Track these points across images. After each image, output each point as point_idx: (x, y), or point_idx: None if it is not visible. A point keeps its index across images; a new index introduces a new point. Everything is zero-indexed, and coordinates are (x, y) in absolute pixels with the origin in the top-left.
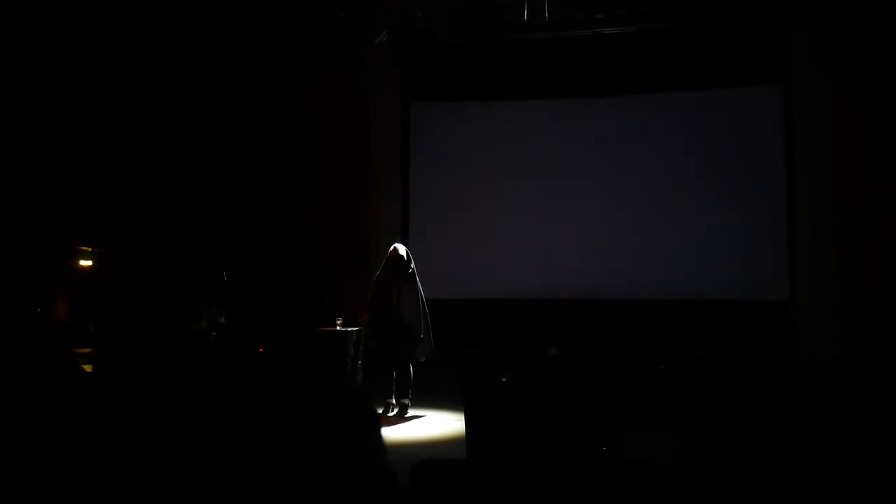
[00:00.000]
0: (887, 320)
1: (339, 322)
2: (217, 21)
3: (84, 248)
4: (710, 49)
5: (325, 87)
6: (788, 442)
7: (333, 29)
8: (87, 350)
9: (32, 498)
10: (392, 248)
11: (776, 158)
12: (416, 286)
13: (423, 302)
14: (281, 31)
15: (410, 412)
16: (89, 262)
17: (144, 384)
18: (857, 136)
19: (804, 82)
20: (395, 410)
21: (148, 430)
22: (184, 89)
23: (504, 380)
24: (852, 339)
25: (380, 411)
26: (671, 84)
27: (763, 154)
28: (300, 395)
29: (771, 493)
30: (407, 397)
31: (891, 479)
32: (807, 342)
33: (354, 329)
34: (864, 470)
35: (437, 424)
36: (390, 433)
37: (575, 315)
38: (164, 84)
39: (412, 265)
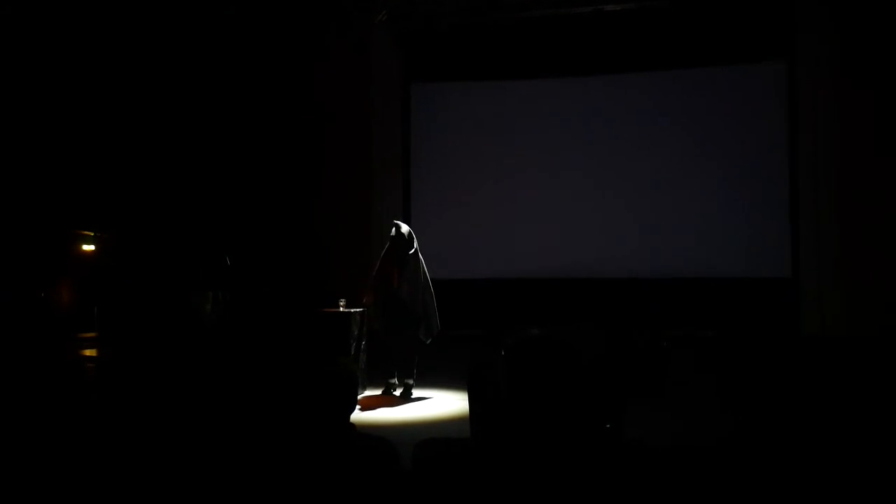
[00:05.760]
0: (890, 296)
1: (341, 303)
2: (219, 4)
3: (87, 232)
4: (712, 26)
5: (327, 68)
6: (792, 418)
7: (334, 10)
8: (91, 335)
9: (35, 477)
10: (393, 226)
11: (780, 136)
12: (419, 266)
13: (427, 282)
14: (283, 13)
15: (415, 392)
16: (92, 247)
17: (147, 367)
18: (861, 114)
19: (808, 60)
20: (400, 391)
21: (149, 413)
22: (186, 74)
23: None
24: (856, 315)
25: (379, 392)
26: (674, 61)
27: (767, 131)
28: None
29: (774, 469)
30: (411, 378)
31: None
32: (811, 318)
33: (357, 310)
34: (869, 447)
35: (441, 405)
36: (394, 413)
37: (578, 294)
38: (167, 69)
39: (415, 245)
